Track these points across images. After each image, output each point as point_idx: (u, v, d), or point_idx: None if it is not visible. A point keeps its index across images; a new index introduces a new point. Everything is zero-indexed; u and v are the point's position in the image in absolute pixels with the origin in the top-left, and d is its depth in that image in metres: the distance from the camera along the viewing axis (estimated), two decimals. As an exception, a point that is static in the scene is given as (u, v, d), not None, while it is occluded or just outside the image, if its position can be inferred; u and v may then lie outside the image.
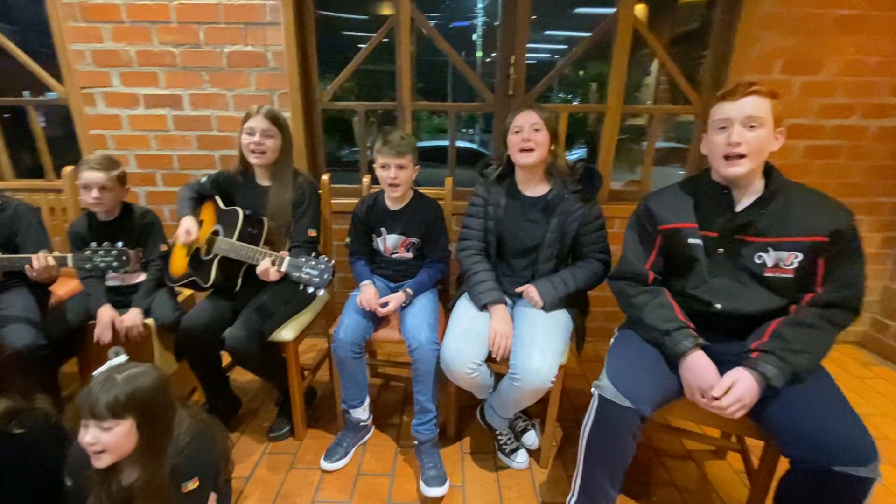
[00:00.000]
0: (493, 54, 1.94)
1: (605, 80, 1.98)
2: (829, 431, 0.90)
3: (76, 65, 1.89)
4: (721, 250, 1.11)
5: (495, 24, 1.89)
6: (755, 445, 1.22)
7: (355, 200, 1.62)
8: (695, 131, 2.05)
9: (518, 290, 1.41)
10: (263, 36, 1.83)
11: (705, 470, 1.48)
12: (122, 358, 1.01)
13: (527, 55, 1.94)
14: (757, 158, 1.03)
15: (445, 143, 2.17)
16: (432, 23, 1.94)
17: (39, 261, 1.33)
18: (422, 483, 1.34)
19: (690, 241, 1.13)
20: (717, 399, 0.99)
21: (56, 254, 1.37)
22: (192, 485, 1.01)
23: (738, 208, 1.09)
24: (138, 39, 1.85)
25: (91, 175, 1.43)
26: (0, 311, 1.42)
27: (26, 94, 2.21)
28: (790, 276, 1.06)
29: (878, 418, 1.71)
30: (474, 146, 7.03)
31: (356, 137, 2.18)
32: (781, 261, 1.06)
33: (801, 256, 1.04)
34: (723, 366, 1.04)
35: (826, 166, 1.97)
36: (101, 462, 0.92)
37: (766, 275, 1.07)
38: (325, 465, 1.45)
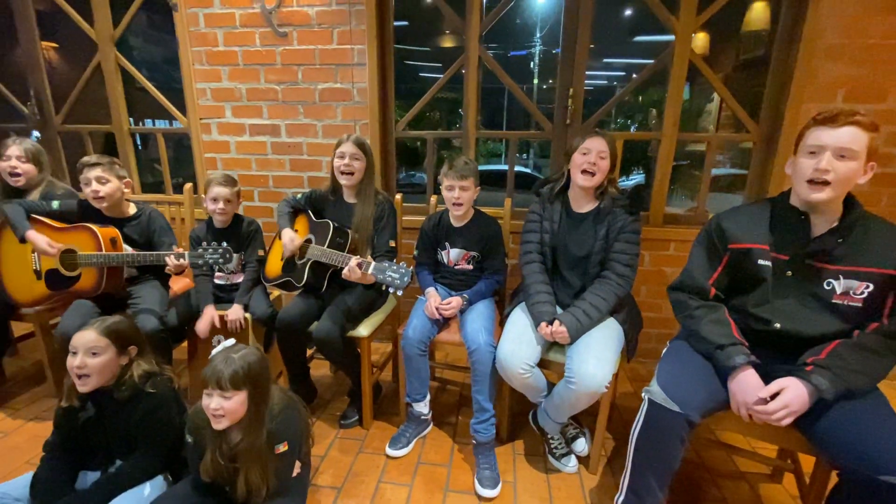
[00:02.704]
0: (550, 81, 2.11)
1: (663, 106, 2.07)
2: (876, 441, 0.94)
3: (199, 100, 2.28)
4: (790, 273, 1.13)
5: (553, 51, 2.06)
6: (809, 470, 1.24)
7: (421, 217, 1.82)
8: (753, 159, 2.08)
9: (555, 325, 1.43)
10: (351, 74, 2.12)
11: (759, 492, 1.48)
12: (231, 341, 1.23)
13: (585, 82, 2.06)
14: (841, 189, 1.04)
15: (500, 167, 2.33)
16: (491, 52, 2.13)
17: (172, 261, 1.63)
18: (476, 482, 1.47)
19: (760, 262, 1.16)
20: (764, 404, 1.03)
21: (178, 250, 1.66)
22: (283, 447, 1.20)
23: (814, 234, 1.11)
24: (249, 79, 2.22)
25: (219, 190, 1.74)
26: (135, 301, 1.75)
27: (161, 122, 2.66)
28: (859, 304, 1.08)
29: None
30: (527, 170, 7.18)
31: (424, 162, 2.41)
32: (852, 289, 1.08)
33: (871, 287, 1.06)
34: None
35: (896, 195, 1.93)
36: (219, 425, 1.11)
37: (834, 301, 1.09)
38: (389, 451, 1.61)
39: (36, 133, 2.65)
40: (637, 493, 1.20)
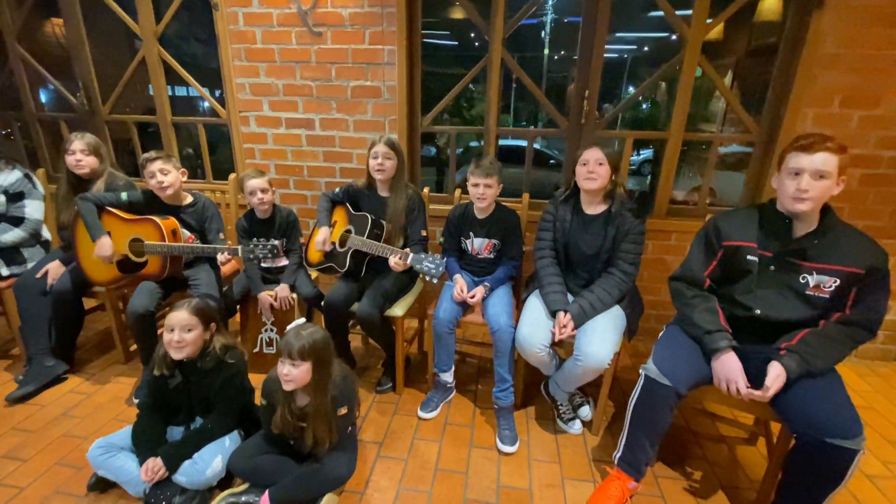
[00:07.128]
0: (562, 52, 2.22)
1: (675, 77, 2.16)
2: (825, 412, 1.18)
3: (238, 94, 2.45)
4: (772, 268, 1.34)
5: (565, 20, 2.15)
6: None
7: (446, 207, 2.01)
8: (752, 157, 2.25)
9: (562, 322, 1.63)
10: (382, 73, 2.27)
11: (736, 452, 1.75)
12: (302, 320, 1.47)
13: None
14: (819, 201, 1.24)
15: (515, 142, 2.44)
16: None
17: (224, 257, 1.85)
18: (498, 440, 1.73)
19: (749, 257, 1.36)
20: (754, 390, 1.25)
21: (231, 246, 1.88)
22: (343, 410, 1.45)
23: (795, 236, 1.31)
24: (285, 75, 2.37)
25: (254, 182, 1.96)
26: (195, 282, 1.98)
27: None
28: (826, 296, 1.30)
29: (913, 428, 1.88)
30: (537, 146, 7.29)
31: (448, 158, 2.59)
32: (822, 283, 1.29)
33: (838, 282, 1.27)
34: (748, 363, 1.32)
35: (882, 193, 2.09)
36: (288, 387, 1.36)
37: (807, 293, 1.31)
38: (421, 413, 1.88)
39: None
40: (632, 450, 1.46)
